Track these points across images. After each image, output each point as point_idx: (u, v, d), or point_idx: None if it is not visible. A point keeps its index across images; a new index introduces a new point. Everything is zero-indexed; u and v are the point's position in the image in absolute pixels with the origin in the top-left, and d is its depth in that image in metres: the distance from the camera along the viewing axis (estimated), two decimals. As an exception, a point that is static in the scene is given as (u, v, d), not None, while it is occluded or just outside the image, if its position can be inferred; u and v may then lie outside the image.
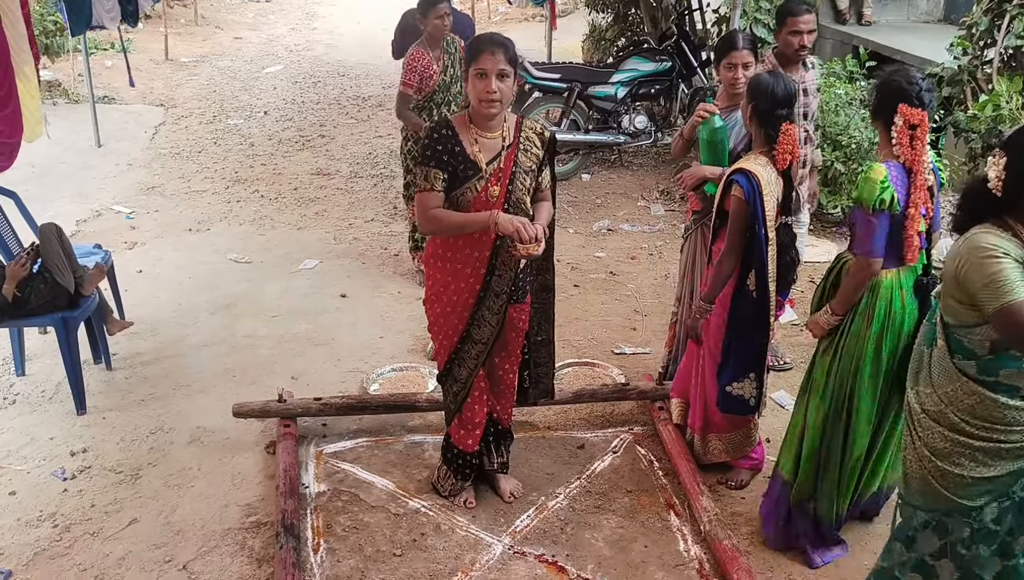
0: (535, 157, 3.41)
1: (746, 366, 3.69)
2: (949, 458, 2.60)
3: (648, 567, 3.48)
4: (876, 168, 3.10)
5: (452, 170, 3.27)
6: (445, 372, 3.59)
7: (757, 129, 3.56)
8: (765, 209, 3.45)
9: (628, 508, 3.80)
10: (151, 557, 3.46)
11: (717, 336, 3.74)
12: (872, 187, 3.07)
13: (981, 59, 6.38)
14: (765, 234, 3.48)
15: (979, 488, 2.60)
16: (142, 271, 5.97)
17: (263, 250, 6.39)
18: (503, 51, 3.19)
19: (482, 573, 3.42)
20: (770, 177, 3.47)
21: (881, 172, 3.07)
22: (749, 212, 3.45)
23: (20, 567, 3.39)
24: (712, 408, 3.85)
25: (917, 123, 3.07)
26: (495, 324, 3.48)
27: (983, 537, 2.64)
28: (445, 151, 3.26)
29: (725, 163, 4.00)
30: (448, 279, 3.43)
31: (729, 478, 3.95)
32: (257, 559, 3.45)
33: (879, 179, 3.06)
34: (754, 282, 3.59)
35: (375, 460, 4.05)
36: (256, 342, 5.11)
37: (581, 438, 4.26)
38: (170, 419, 4.34)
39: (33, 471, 3.95)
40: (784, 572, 3.47)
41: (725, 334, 3.69)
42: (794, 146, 3.50)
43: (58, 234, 4.37)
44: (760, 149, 3.57)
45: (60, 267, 4.25)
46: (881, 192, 3.06)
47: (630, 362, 4.98)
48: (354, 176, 7.99)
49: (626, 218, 7.20)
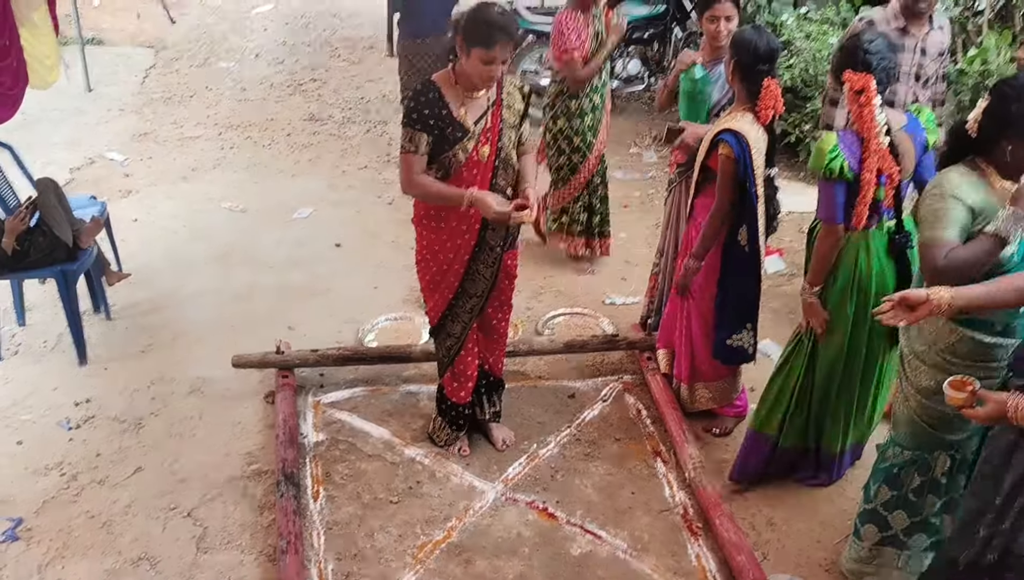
0: (517, 112, 3.47)
1: (743, 318, 3.79)
2: (934, 396, 2.73)
3: (635, 512, 3.63)
4: (826, 138, 3.18)
5: (439, 133, 3.28)
6: (438, 327, 3.68)
7: (739, 84, 3.58)
8: (755, 166, 3.51)
9: (616, 455, 3.94)
10: (157, 504, 3.59)
11: (706, 291, 3.82)
12: (820, 157, 3.15)
13: (972, 10, 6.36)
14: (755, 191, 3.55)
15: (963, 424, 2.76)
16: (137, 220, 6.01)
17: (257, 198, 6.42)
18: (512, 40, 3.20)
19: (476, 519, 3.56)
20: (757, 135, 3.52)
21: (830, 142, 3.15)
22: (740, 171, 3.51)
23: (30, 515, 3.52)
24: (700, 358, 3.96)
25: (861, 88, 3.10)
26: (489, 277, 3.57)
27: (962, 467, 2.82)
28: (432, 114, 3.26)
29: (704, 117, 4.04)
30: (443, 238, 3.49)
31: (714, 426, 4.08)
32: (259, 506, 3.58)
33: (827, 149, 3.14)
34: (745, 237, 3.67)
35: (371, 409, 4.17)
36: (252, 292, 5.18)
37: (571, 387, 4.38)
38: (170, 369, 4.44)
39: (39, 421, 4.06)
40: (765, 517, 3.62)
41: (718, 289, 3.77)
42: (776, 101, 3.53)
43: (55, 188, 4.42)
44: (743, 105, 3.60)
45: (58, 221, 4.31)
46: (829, 161, 3.13)
47: (620, 312, 5.08)
48: (347, 121, 7.98)
49: (618, 165, 7.23)
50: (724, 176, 3.56)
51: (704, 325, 3.91)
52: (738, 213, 3.64)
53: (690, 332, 3.97)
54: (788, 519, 3.61)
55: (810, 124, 6.41)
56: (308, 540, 3.40)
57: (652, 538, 3.50)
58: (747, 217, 3.64)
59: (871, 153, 3.11)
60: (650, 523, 3.58)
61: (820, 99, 5.90)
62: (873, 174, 3.13)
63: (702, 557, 3.42)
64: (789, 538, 3.52)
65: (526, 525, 3.54)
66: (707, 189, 3.74)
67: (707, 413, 4.13)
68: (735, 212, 3.65)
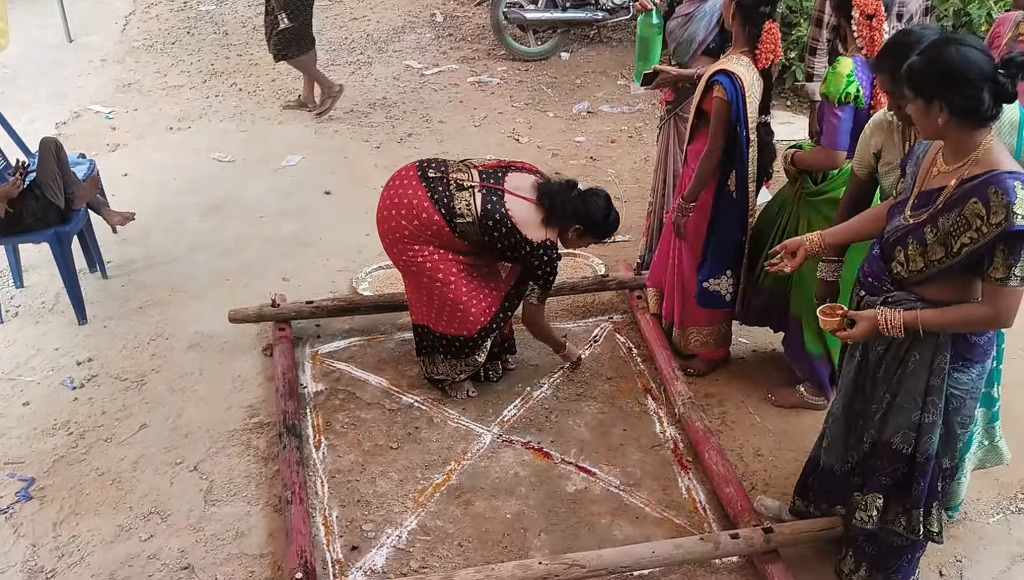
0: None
1: (724, 263, 3.85)
2: None
3: (627, 449, 3.75)
4: (843, 62, 3.19)
5: None
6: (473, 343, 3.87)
7: (740, 27, 3.56)
8: (747, 111, 3.52)
9: (608, 394, 4.05)
10: (163, 459, 3.71)
11: (697, 233, 3.87)
12: (839, 80, 3.17)
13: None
14: (747, 136, 3.57)
15: None
16: (127, 174, 6.02)
17: (244, 147, 6.42)
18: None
19: (473, 461, 3.68)
20: (752, 78, 3.51)
21: (848, 65, 3.17)
22: (732, 113, 3.52)
23: (41, 474, 3.63)
24: (691, 302, 4.02)
25: (872, 12, 3.12)
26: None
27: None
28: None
29: (654, 61, 4.04)
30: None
31: (690, 366, 4.15)
32: (263, 458, 3.70)
33: (845, 72, 3.16)
34: (735, 182, 3.70)
35: (368, 359, 4.26)
36: (245, 244, 5.23)
37: (564, 329, 4.47)
38: (168, 325, 4.52)
39: (43, 382, 4.15)
40: (752, 448, 3.75)
41: (706, 232, 3.82)
42: (776, 45, 3.53)
43: (56, 150, 4.41)
44: (741, 48, 3.58)
45: (54, 187, 4.33)
46: (847, 85, 3.16)
47: (611, 250, 5.13)
48: (330, 64, 7.90)
49: (606, 99, 7.21)
50: (717, 118, 3.56)
51: (694, 268, 3.96)
52: (728, 158, 3.65)
53: (682, 275, 4.02)
54: (774, 450, 3.73)
55: (795, 52, 6.37)
56: (312, 489, 3.51)
57: (644, 473, 3.63)
58: (737, 163, 3.66)
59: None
60: (642, 459, 3.70)
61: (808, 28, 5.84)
62: (880, 104, 3.15)
63: (692, 489, 3.55)
64: (776, 468, 3.65)
65: (522, 465, 3.66)
66: (701, 134, 3.75)
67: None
68: (727, 157, 3.67)
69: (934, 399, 2.63)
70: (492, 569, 2.99)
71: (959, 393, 2.64)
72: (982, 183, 2.36)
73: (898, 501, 2.80)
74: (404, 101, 7.20)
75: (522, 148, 6.44)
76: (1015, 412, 3.68)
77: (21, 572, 3.20)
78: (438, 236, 3.63)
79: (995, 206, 2.30)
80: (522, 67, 7.85)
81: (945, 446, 2.72)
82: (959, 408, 2.67)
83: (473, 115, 7.00)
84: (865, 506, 2.82)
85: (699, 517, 3.42)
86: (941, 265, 2.46)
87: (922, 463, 2.71)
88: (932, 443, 2.68)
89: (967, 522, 3.38)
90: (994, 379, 3.00)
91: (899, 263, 2.58)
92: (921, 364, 2.62)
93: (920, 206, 2.53)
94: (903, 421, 2.70)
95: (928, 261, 2.49)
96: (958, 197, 2.40)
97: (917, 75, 2.40)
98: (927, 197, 2.51)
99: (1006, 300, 2.41)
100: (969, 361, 2.61)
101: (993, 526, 3.38)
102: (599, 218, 3.75)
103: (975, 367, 2.63)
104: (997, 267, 2.37)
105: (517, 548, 3.28)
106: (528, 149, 6.41)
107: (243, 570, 3.20)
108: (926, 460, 2.70)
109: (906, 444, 2.71)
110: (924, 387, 2.63)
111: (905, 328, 2.54)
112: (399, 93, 7.35)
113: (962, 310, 2.50)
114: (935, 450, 2.69)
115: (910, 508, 2.76)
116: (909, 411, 2.68)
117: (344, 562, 3.23)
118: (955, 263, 2.43)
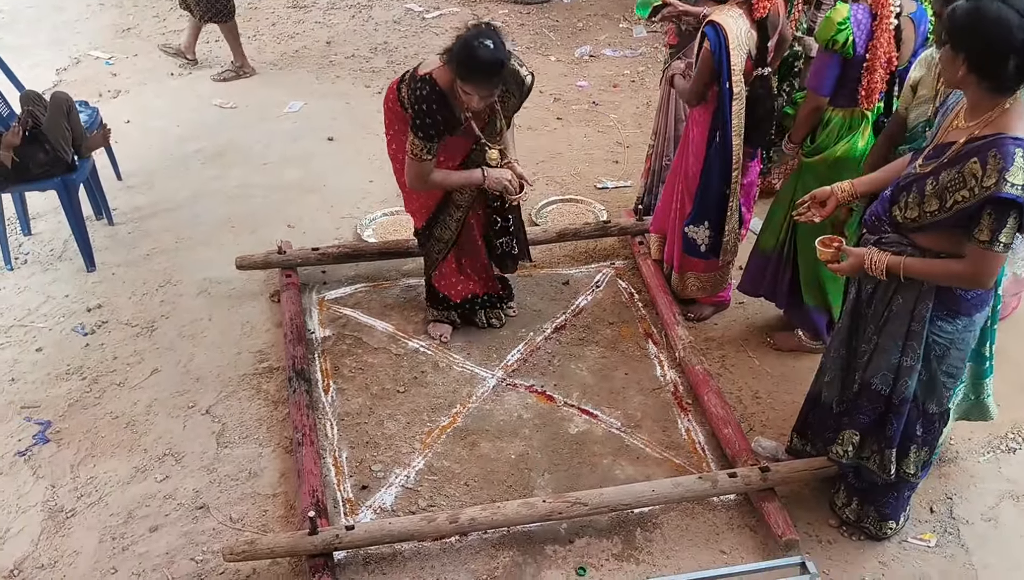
0: (516, 104, 3.57)
1: (705, 213, 3.87)
2: None
3: (628, 392, 3.84)
4: (839, 8, 3.20)
5: (447, 132, 3.37)
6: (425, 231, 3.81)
7: None
8: (731, 63, 3.50)
9: (610, 339, 4.12)
10: (175, 403, 3.80)
11: (694, 182, 3.89)
12: (829, 26, 3.19)
13: None
14: (730, 88, 3.56)
15: None
16: (129, 121, 6.02)
17: (246, 93, 6.41)
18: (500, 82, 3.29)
19: (478, 404, 3.77)
20: (740, 29, 3.48)
21: (842, 13, 3.17)
22: (714, 65, 3.52)
23: (57, 418, 3.73)
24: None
25: None
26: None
27: None
28: (441, 121, 3.31)
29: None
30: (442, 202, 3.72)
31: (691, 311, 4.22)
32: (273, 401, 3.79)
33: (837, 20, 3.17)
34: (720, 135, 3.71)
35: (374, 304, 4.32)
36: (249, 191, 5.26)
37: (566, 274, 4.53)
38: (177, 272, 4.58)
39: (54, 328, 4.23)
40: (751, 391, 3.84)
41: (699, 181, 3.85)
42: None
43: (67, 108, 4.43)
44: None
45: (63, 142, 4.36)
46: (836, 33, 3.17)
47: (612, 196, 5.17)
48: (331, 8, 7.84)
49: (608, 42, 7.17)
50: (701, 65, 3.57)
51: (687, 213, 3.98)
52: (716, 110, 3.65)
53: (682, 220, 4.04)
54: (772, 392, 3.82)
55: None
56: (322, 431, 3.61)
57: (644, 415, 3.72)
58: (719, 116, 3.64)
59: (883, 31, 3.13)
60: (642, 401, 3.79)
61: None
62: (883, 53, 3.16)
63: (691, 431, 3.64)
64: (773, 410, 3.74)
65: (526, 408, 3.75)
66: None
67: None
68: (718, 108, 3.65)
69: (912, 344, 2.72)
70: (498, 507, 3.10)
71: (942, 341, 2.71)
72: (986, 144, 2.38)
73: (873, 439, 2.93)
74: (405, 45, 7.15)
75: (524, 93, 6.42)
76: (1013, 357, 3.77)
77: (42, 511, 3.32)
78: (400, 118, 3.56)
79: (990, 169, 2.33)
80: (524, 10, 7.78)
81: (930, 392, 2.81)
82: (942, 357, 2.74)
83: (475, 60, 6.95)
84: (842, 441, 2.96)
85: (698, 457, 3.52)
86: (933, 218, 2.51)
87: (897, 404, 2.81)
88: (909, 386, 2.77)
89: (958, 461, 3.48)
90: (987, 337, 3.02)
91: (899, 208, 2.63)
92: (904, 309, 2.71)
93: (931, 157, 2.57)
94: (883, 362, 2.80)
95: (922, 211, 2.53)
96: (963, 154, 2.43)
97: (953, 20, 2.39)
98: (941, 150, 2.55)
99: (987, 262, 2.46)
100: (955, 312, 2.67)
101: (983, 465, 3.48)
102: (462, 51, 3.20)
103: (960, 319, 2.69)
104: (983, 229, 2.41)
105: (521, 487, 3.38)
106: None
107: (256, 509, 3.31)
108: (901, 402, 2.80)
109: (884, 385, 2.83)
110: (905, 331, 2.72)
111: (888, 272, 2.63)
112: (400, 37, 7.30)
113: (944, 264, 2.56)
114: (911, 393, 2.79)
115: (883, 447, 2.88)
116: (889, 354, 2.77)
117: (354, 501, 3.34)
118: (945, 218, 2.48)
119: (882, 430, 2.88)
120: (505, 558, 3.13)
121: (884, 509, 3.08)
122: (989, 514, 3.29)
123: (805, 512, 3.27)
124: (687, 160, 3.89)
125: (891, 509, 3.08)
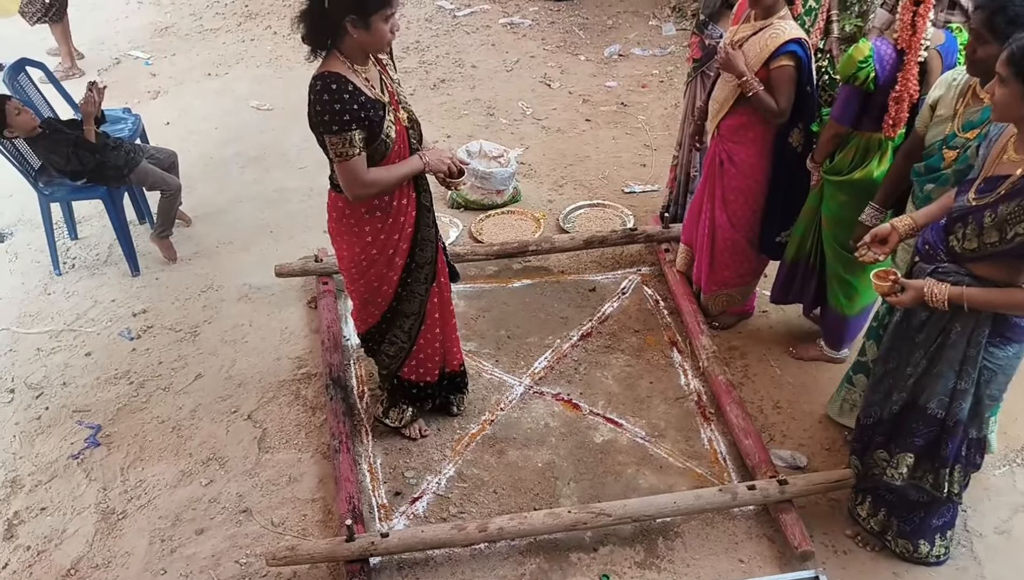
0: (395, 67, 3.37)
1: (791, 217, 3.94)
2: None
3: (652, 401, 3.96)
4: (861, 46, 3.26)
5: (368, 121, 2.96)
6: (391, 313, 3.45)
7: None
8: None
9: (635, 347, 4.24)
10: (219, 408, 3.98)
11: (747, 199, 3.93)
12: (850, 64, 3.27)
13: None
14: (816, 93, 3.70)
15: None
16: (169, 123, 6.20)
17: (282, 94, 6.56)
18: None
19: (506, 412, 3.91)
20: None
21: (863, 52, 3.24)
22: (804, 77, 3.61)
23: (107, 422, 3.92)
24: (725, 266, 4.10)
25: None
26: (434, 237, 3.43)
27: None
28: (356, 105, 2.90)
29: None
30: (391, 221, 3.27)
31: (716, 319, 4.32)
32: (311, 407, 3.95)
33: (859, 59, 3.24)
34: (798, 138, 3.78)
35: (406, 311, 4.46)
36: (286, 196, 5.42)
37: (592, 281, 4.64)
38: (218, 277, 4.75)
39: (102, 332, 4.42)
40: (772, 401, 3.94)
41: (768, 191, 3.90)
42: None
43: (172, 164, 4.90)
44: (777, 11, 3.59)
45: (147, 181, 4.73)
46: (857, 70, 3.25)
47: (639, 200, 5.26)
48: (364, 4, 7.94)
49: (637, 41, 7.22)
50: (786, 83, 3.59)
51: (735, 232, 4.01)
52: (794, 114, 3.70)
53: (714, 239, 4.08)
54: (793, 402, 3.92)
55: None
56: (357, 437, 3.77)
57: (668, 424, 3.84)
58: (805, 117, 3.74)
59: (910, 67, 3.19)
60: (666, 410, 3.91)
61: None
62: (910, 88, 3.22)
63: (713, 441, 3.76)
64: (793, 419, 3.84)
65: (552, 416, 3.88)
66: (741, 108, 3.75)
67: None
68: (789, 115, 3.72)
69: (968, 369, 2.80)
70: (524, 517, 3.24)
71: (992, 367, 2.80)
72: None
73: (928, 460, 3.00)
74: (437, 45, 7.26)
75: (554, 93, 6.52)
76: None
77: (95, 513, 3.51)
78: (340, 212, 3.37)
79: None
80: (554, 7, 7.85)
81: (974, 416, 2.90)
82: (990, 381, 2.83)
83: (505, 59, 7.05)
84: (896, 464, 3.03)
85: (719, 467, 3.64)
86: (993, 249, 2.58)
87: (952, 427, 2.90)
88: (963, 409, 2.86)
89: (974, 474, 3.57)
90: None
91: (956, 239, 2.69)
92: (961, 335, 2.77)
93: (985, 190, 2.62)
94: (940, 387, 2.87)
95: (982, 243, 2.60)
96: (1021, 187, 2.50)
97: (1017, 55, 2.42)
98: (994, 182, 2.60)
99: None
100: (1008, 339, 2.76)
101: (999, 478, 3.56)
102: None
103: (1012, 346, 2.77)
104: None
105: (548, 495, 3.53)
106: (559, 94, 6.49)
107: (296, 514, 3.48)
108: (955, 424, 2.89)
109: (940, 409, 2.90)
110: (962, 357, 2.79)
111: (949, 302, 2.68)
112: (432, 36, 7.40)
113: (1006, 293, 2.63)
114: (964, 415, 2.87)
115: (939, 467, 2.97)
116: (947, 379, 2.84)
117: (388, 506, 3.50)
118: (1007, 249, 2.55)
119: (937, 451, 2.96)
120: (532, 565, 3.28)
121: (906, 525, 3.19)
122: (1003, 527, 3.38)
123: (822, 521, 3.38)
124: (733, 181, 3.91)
125: (911, 526, 3.19)
